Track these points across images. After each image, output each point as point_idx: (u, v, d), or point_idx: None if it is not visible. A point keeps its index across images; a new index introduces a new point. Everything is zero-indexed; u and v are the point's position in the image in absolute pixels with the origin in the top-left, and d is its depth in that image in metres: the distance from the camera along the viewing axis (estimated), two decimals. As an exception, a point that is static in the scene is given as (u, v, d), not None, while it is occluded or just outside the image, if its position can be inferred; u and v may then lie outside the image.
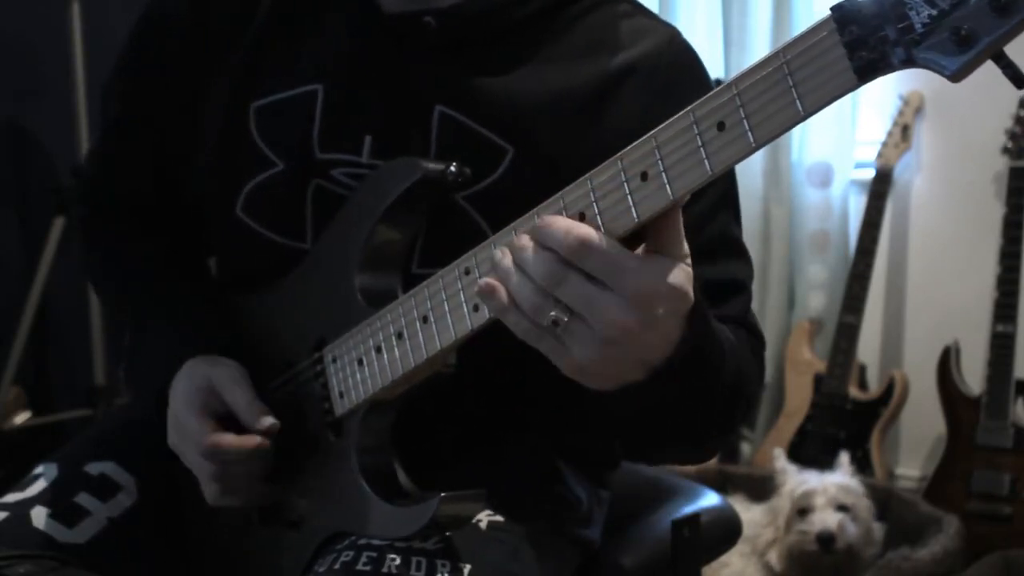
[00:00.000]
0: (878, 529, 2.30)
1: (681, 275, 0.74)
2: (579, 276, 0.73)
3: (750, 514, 2.31)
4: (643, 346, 0.76)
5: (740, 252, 1.06)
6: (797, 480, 2.30)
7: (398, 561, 0.90)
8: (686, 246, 0.76)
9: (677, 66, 1.02)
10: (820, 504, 2.23)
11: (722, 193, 1.04)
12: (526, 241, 0.75)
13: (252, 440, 0.96)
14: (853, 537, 2.20)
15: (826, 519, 2.20)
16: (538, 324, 0.75)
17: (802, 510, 2.24)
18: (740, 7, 2.88)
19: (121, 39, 1.14)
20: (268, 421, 0.96)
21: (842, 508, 2.24)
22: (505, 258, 0.77)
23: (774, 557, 2.25)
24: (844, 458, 2.39)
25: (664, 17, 3.26)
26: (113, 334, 2.67)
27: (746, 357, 0.94)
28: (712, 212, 1.02)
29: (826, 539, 2.18)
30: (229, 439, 0.96)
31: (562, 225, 0.74)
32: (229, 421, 0.98)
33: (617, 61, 1.00)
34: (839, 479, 2.29)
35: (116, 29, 1.39)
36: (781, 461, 2.37)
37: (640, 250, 0.75)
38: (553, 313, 0.74)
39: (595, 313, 0.73)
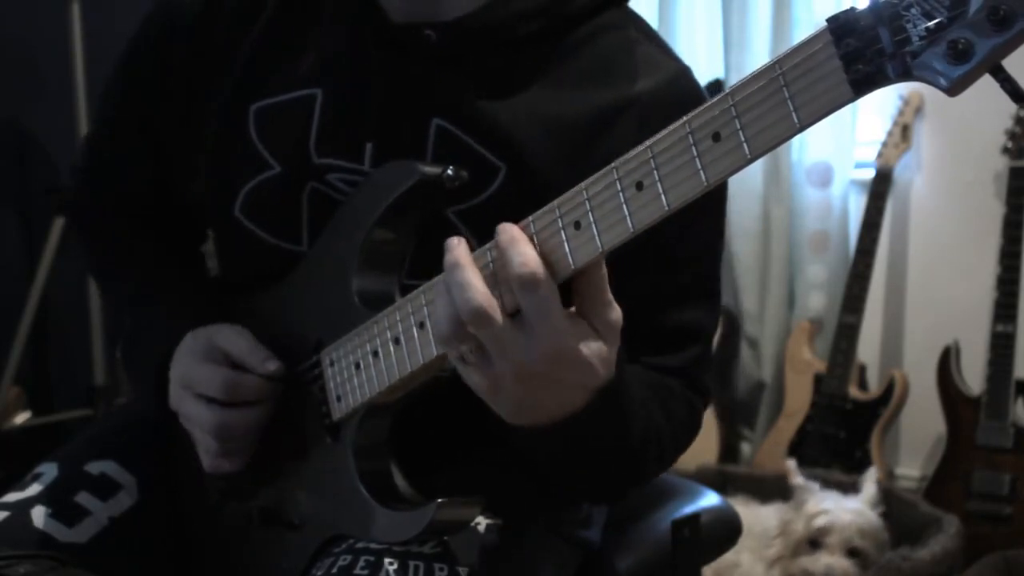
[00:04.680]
0: (886, 559, 2.22)
1: (598, 353, 0.78)
2: (500, 318, 0.76)
3: (757, 514, 2.30)
4: (538, 397, 0.80)
5: (713, 297, 1.05)
6: (817, 505, 2.22)
7: (396, 565, 0.90)
8: (613, 313, 0.78)
9: (679, 107, 1.00)
10: (832, 543, 2.17)
11: (714, 234, 1.04)
12: (463, 258, 0.78)
13: (263, 380, 0.99)
14: None
15: (832, 566, 2.15)
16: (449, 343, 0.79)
17: (814, 541, 2.19)
18: (740, 7, 2.87)
19: (121, 39, 1.14)
20: (273, 364, 0.98)
21: (854, 552, 2.17)
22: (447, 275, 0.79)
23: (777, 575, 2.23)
24: (871, 475, 2.31)
25: (664, 17, 3.27)
26: (113, 330, 2.68)
27: (663, 423, 0.96)
28: (700, 252, 1.03)
29: None
30: (245, 376, 0.98)
31: (525, 251, 0.76)
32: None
33: (619, 92, 0.99)
34: (859, 513, 2.21)
35: (116, 29, 1.39)
36: (798, 477, 2.30)
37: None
38: (463, 347, 0.78)
39: (501, 352, 0.77)
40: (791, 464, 2.37)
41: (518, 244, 0.76)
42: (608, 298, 0.78)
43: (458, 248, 0.79)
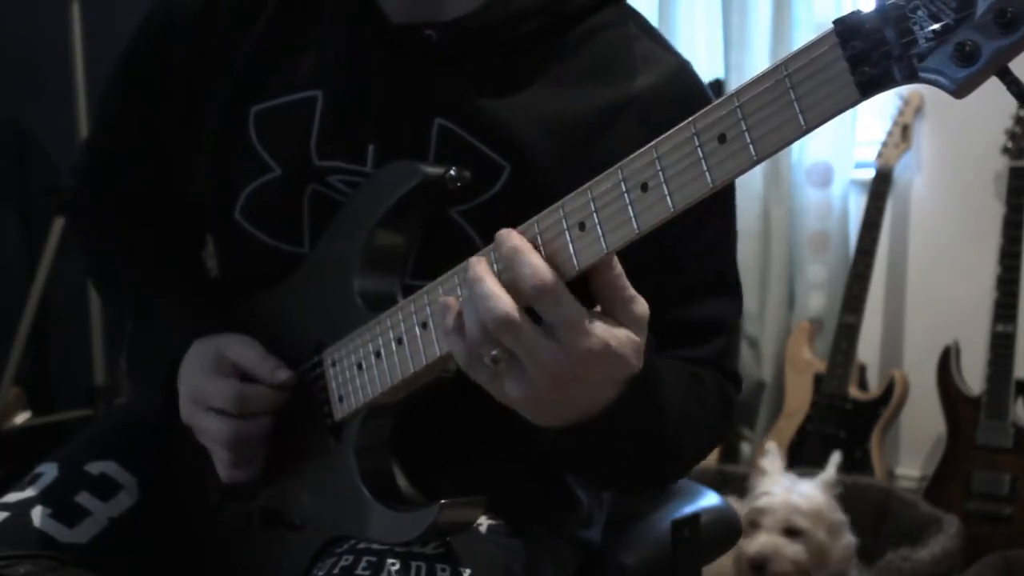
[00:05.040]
0: (845, 544, 2.20)
1: (627, 343, 0.77)
2: (526, 324, 0.76)
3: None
4: (571, 397, 0.80)
5: (733, 289, 1.05)
6: (763, 488, 2.21)
7: (397, 566, 0.90)
8: (638, 307, 0.78)
9: (680, 102, 0.98)
10: (767, 524, 2.14)
11: (725, 226, 1.04)
12: (483, 270, 0.78)
13: (273, 390, 0.99)
14: (792, 564, 2.11)
15: (764, 544, 2.11)
16: (478, 356, 0.78)
17: (753, 523, 2.17)
18: (740, 7, 2.87)
19: (121, 39, 1.14)
20: (283, 374, 0.99)
21: (791, 532, 2.13)
22: (464, 287, 0.80)
23: (728, 563, 2.20)
24: (834, 459, 2.31)
25: (664, 17, 3.26)
26: (113, 331, 2.68)
27: (697, 410, 0.96)
28: (713, 247, 1.03)
29: (757, 565, 2.11)
30: (256, 388, 0.99)
31: (532, 262, 0.75)
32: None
33: (619, 90, 0.99)
34: (800, 494, 2.17)
35: (116, 29, 1.39)
36: (769, 459, 2.27)
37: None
38: (494, 352, 0.77)
39: (532, 360, 0.76)
40: (769, 445, 2.33)
41: (523, 255, 0.76)
42: (630, 294, 0.78)
43: (478, 265, 0.79)
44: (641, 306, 0.78)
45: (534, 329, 0.76)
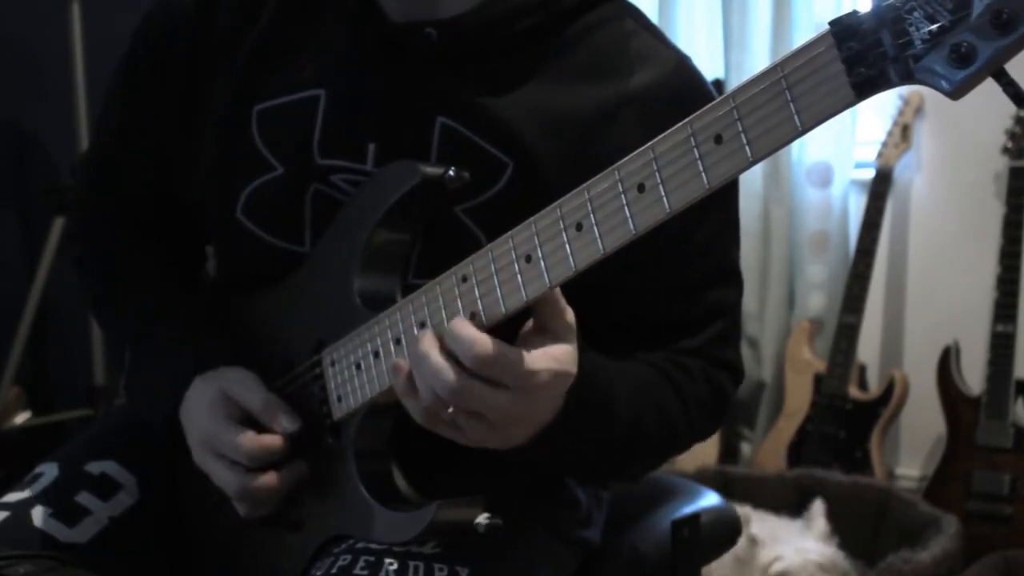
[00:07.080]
0: None
1: (566, 358, 0.82)
2: (476, 386, 0.80)
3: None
4: (528, 423, 0.84)
5: (734, 277, 1.06)
6: (771, 553, 2.18)
7: (395, 566, 0.90)
8: (569, 315, 0.83)
9: (679, 99, 0.98)
10: None
11: (725, 219, 1.05)
12: (428, 345, 0.82)
13: (282, 441, 0.99)
14: None
15: None
16: (434, 414, 0.83)
17: None
18: (740, 7, 2.87)
19: (121, 39, 1.14)
20: (291, 423, 0.98)
21: None
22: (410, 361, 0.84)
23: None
24: (818, 509, 2.29)
25: (664, 17, 3.26)
26: (113, 354, 2.67)
27: (671, 399, 0.98)
28: (714, 239, 1.03)
29: None
30: (272, 440, 0.98)
31: (467, 336, 0.79)
32: (247, 424, 0.99)
33: (617, 88, 0.99)
34: (816, 551, 2.17)
35: (116, 29, 1.38)
36: (755, 526, 2.23)
37: (527, 326, 0.84)
38: (451, 410, 0.82)
39: (490, 410, 0.81)
40: (746, 511, 2.27)
41: (459, 339, 0.80)
42: (563, 305, 0.82)
43: (422, 340, 0.83)
44: (571, 314, 0.83)
45: (484, 387, 0.80)
